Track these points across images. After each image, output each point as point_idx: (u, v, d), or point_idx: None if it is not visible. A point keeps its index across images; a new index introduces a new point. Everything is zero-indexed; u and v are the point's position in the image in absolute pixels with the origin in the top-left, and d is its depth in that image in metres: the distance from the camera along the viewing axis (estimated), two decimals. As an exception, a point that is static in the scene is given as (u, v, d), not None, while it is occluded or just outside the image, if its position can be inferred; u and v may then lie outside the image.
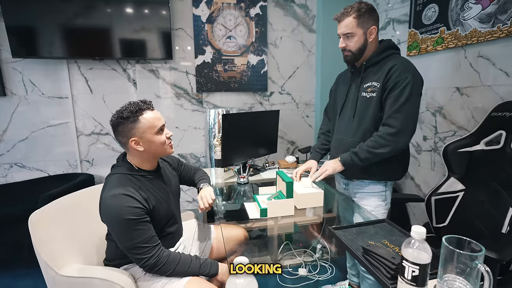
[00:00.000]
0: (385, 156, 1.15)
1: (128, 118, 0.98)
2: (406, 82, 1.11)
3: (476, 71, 1.51)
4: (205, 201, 1.17)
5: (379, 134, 1.15)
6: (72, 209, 1.26)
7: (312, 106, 2.74)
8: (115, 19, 2.10)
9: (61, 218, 1.19)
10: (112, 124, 1.02)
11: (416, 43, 1.85)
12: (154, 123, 1.02)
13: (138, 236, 0.95)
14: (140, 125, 0.99)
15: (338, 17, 1.22)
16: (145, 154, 1.04)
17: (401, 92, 1.11)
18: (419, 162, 1.92)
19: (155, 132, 1.02)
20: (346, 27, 1.19)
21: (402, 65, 1.14)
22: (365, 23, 1.18)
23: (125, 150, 1.06)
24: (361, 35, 1.19)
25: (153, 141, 1.02)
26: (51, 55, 2.04)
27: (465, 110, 1.58)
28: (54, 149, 2.24)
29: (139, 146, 1.01)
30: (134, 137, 1.00)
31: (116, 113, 1.01)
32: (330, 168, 1.24)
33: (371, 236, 0.97)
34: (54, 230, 1.12)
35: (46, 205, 1.21)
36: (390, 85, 1.14)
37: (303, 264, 1.91)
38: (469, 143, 1.45)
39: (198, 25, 2.34)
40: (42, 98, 2.16)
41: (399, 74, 1.12)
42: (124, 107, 1.01)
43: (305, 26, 2.58)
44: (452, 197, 1.46)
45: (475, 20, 1.47)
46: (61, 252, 1.08)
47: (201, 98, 2.48)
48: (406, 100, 1.10)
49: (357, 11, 1.17)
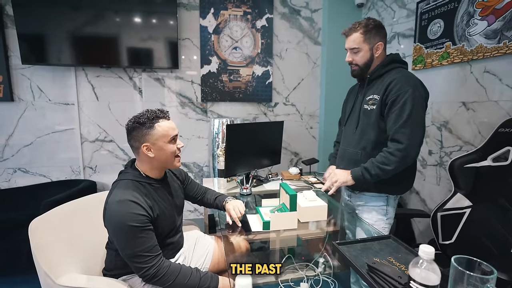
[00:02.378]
0: (394, 172, 1.14)
1: (145, 124, 1.01)
2: (407, 96, 1.11)
3: (482, 86, 1.50)
4: (237, 211, 1.21)
5: (389, 151, 1.14)
6: (74, 216, 1.25)
7: (316, 117, 2.74)
8: (123, 28, 2.14)
9: (62, 226, 1.18)
10: (127, 128, 1.04)
11: (421, 57, 1.85)
12: (168, 132, 1.04)
13: (140, 244, 0.94)
14: (154, 132, 1.02)
15: (346, 32, 1.25)
16: (154, 161, 1.05)
17: (403, 106, 1.11)
18: (424, 177, 1.89)
19: (167, 140, 1.04)
20: (353, 42, 1.22)
21: (403, 78, 1.15)
22: (372, 39, 1.21)
23: (136, 155, 1.07)
24: (367, 51, 1.22)
25: (165, 149, 1.04)
26: (60, 62, 2.08)
27: (471, 125, 1.57)
28: (58, 155, 2.25)
29: (150, 152, 1.02)
30: (147, 143, 1.01)
31: (133, 118, 1.03)
32: (341, 181, 1.23)
33: (376, 252, 0.95)
34: (54, 238, 1.11)
35: (47, 212, 1.20)
36: (391, 99, 1.14)
37: (305, 278, 1.86)
38: (475, 158, 1.43)
39: (204, 36, 2.37)
40: (49, 104, 2.19)
41: (399, 88, 1.13)
42: (141, 113, 1.04)
43: (311, 39, 2.61)
44: (459, 214, 1.43)
45: (481, 36, 1.47)
46: (60, 260, 1.06)
47: (205, 108, 2.49)
48: (409, 114, 1.10)
49: (364, 27, 1.20)
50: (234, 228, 1.34)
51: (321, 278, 1.89)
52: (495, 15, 1.41)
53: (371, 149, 1.23)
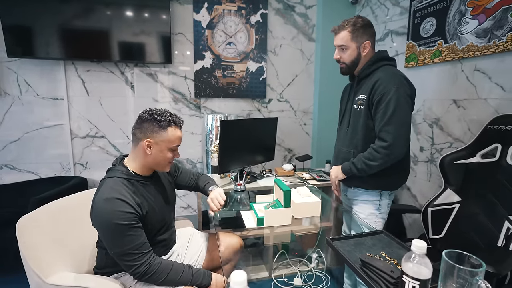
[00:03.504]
0: (379, 168, 1.18)
1: (160, 122, 1.01)
2: (391, 95, 1.13)
3: (472, 84, 1.53)
4: (216, 203, 1.19)
5: (374, 147, 1.18)
6: (63, 214, 1.22)
7: (310, 114, 2.75)
8: (115, 21, 2.09)
9: (51, 224, 1.15)
10: (141, 117, 1.03)
11: (414, 55, 1.87)
12: (175, 141, 1.05)
13: (129, 242, 0.93)
14: (164, 134, 1.02)
15: (335, 30, 1.27)
16: (148, 160, 1.04)
17: (387, 105, 1.14)
18: (415, 173, 1.92)
19: (170, 147, 1.04)
20: (341, 39, 1.24)
21: (387, 77, 1.17)
22: (359, 38, 1.23)
23: (133, 146, 1.05)
24: (355, 49, 1.24)
25: (163, 153, 1.04)
26: (48, 55, 2.02)
27: (461, 122, 1.60)
28: (47, 151, 2.20)
29: (149, 149, 1.02)
30: (151, 140, 1.01)
31: (151, 111, 1.03)
32: (333, 175, 1.32)
33: (369, 247, 0.96)
34: (43, 236, 1.09)
35: (36, 210, 1.17)
36: (376, 98, 1.17)
37: (298, 274, 1.88)
38: (465, 155, 1.46)
39: (198, 31, 2.34)
40: (37, 99, 2.13)
41: (383, 87, 1.15)
42: (160, 111, 1.04)
43: (305, 35, 2.61)
44: (448, 209, 1.46)
45: (472, 34, 1.49)
46: (49, 259, 1.05)
47: (199, 104, 2.47)
48: (393, 113, 1.13)
49: (352, 26, 1.22)
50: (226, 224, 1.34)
51: (314, 273, 1.92)
52: (486, 14, 1.43)
53: (362, 148, 1.25)
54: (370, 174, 1.21)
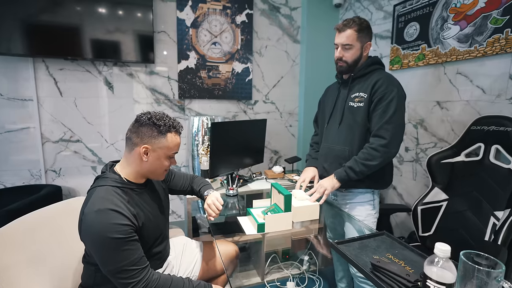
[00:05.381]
0: (377, 167, 1.20)
1: (159, 127, 0.92)
2: (393, 95, 1.17)
3: (455, 86, 1.60)
4: (214, 208, 1.11)
5: (372, 146, 1.18)
6: (40, 228, 1.09)
7: (295, 115, 2.75)
8: (87, 17, 1.94)
9: (26, 240, 1.02)
10: (138, 120, 0.94)
11: (398, 58, 1.93)
12: (174, 148, 0.97)
13: (125, 258, 0.84)
14: (162, 140, 0.94)
15: (339, 27, 1.26)
16: (143, 167, 0.95)
17: (389, 104, 1.17)
18: (401, 172, 1.98)
19: (168, 155, 0.97)
20: (347, 38, 1.23)
21: (388, 79, 1.22)
22: (364, 38, 1.25)
23: (127, 151, 0.96)
24: (358, 49, 1.25)
25: (161, 161, 0.96)
26: (10, 51, 1.82)
27: (445, 123, 1.67)
28: (12, 157, 1.98)
29: (146, 156, 0.93)
30: (149, 146, 0.92)
31: (150, 115, 0.94)
32: (329, 187, 1.24)
33: (374, 250, 0.95)
34: (16, 255, 0.96)
35: (7, 225, 1.04)
36: (378, 97, 1.19)
37: (291, 277, 1.85)
38: (450, 154, 1.52)
39: (182, 29, 2.25)
40: (1, 100, 1.91)
41: (386, 87, 1.18)
42: (160, 115, 0.96)
43: (290, 36, 2.61)
44: (436, 207, 1.52)
45: (454, 39, 1.56)
46: (25, 280, 0.93)
47: (183, 105, 2.37)
48: (394, 112, 1.16)
49: (358, 25, 1.23)
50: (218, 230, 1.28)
51: (306, 276, 1.90)
52: (467, 21, 1.50)
53: (358, 146, 1.26)
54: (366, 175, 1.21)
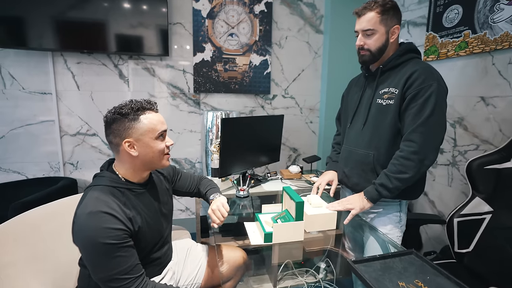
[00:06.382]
0: (415, 179, 1.01)
1: (128, 115, 0.83)
2: (431, 90, 0.97)
3: (506, 79, 1.36)
4: (219, 215, 1.01)
5: (402, 155, 1.01)
6: (46, 223, 1.07)
7: (316, 111, 2.58)
8: (102, 10, 1.91)
9: (28, 236, 1.01)
10: (106, 120, 0.85)
11: (434, 47, 1.70)
12: (156, 126, 0.87)
13: (117, 265, 0.77)
14: (139, 125, 0.84)
15: (359, 11, 1.08)
16: (138, 162, 0.87)
17: (425, 102, 0.97)
18: (433, 177, 1.76)
19: (155, 136, 0.87)
20: (368, 22, 1.05)
21: (425, 70, 1.00)
22: (389, 21, 1.05)
23: (115, 155, 0.89)
24: (383, 34, 1.06)
25: (151, 146, 0.87)
26: (34, 46, 1.84)
27: (491, 122, 1.43)
28: (34, 150, 2.03)
29: (133, 150, 0.85)
30: (130, 138, 0.83)
31: (114, 109, 0.85)
32: (358, 207, 1.08)
33: (400, 273, 0.80)
34: (18, 252, 0.94)
35: (11, 220, 1.03)
36: (412, 93, 1.00)
37: (305, 285, 1.73)
38: (497, 159, 1.29)
39: (197, 20, 2.16)
40: (23, 93, 1.96)
41: (422, 81, 0.98)
42: (123, 104, 0.86)
43: (312, 26, 2.43)
44: (477, 220, 1.30)
45: (508, 23, 1.32)
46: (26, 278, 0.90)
47: (198, 99, 2.30)
48: (431, 112, 0.96)
49: (381, 6, 1.04)
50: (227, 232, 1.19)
51: (322, 285, 1.77)
52: (525, 0, 1.26)
53: (386, 151, 1.08)
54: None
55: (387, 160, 1.06)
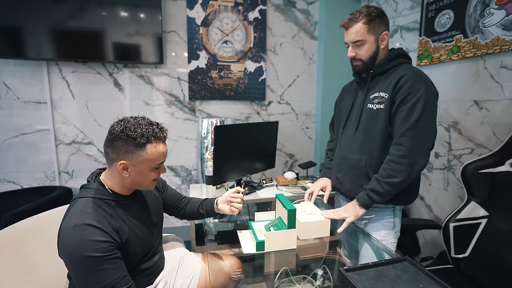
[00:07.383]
0: (406, 183, 1.00)
1: (135, 139, 0.81)
2: (419, 94, 0.97)
3: (498, 83, 1.36)
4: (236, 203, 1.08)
5: (392, 159, 1.00)
6: (35, 234, 1.05)
7: (312, 117, 2.58)
8: (95, 19, 1.93)
9: (15, 249, 0.98)
10: (111, 133, 0.83)
11: (427, 52, 1.71)
12: (157, 159, 0.86)
13: (103, 278, 0.76)
14: (141, 153, 0.83)
15: (346, 24, 1.08)
16: (126, 181, 0.87)
17: (414, 106, 0.97)
18: (430, 181, 1.75)
19: (152, 167, 0.86)
20: (356, 34, 1.05)
21: (414, 75, 1.01)
22: (377, 29, 1.06)
23: (107, 165, 0.88)
24: (373, 42, 1.07)
25: (145, 174, 0.86)
26: (32, 56, 1.85)
27: (484, 126, 1.43)
28: (29, 159, 2.03)
29: (125, 172, 0.84)
30: (127, 161, 0.82)
31: (123, 125, 0.82)
32: (352, 216, 1.07)
33: (393, 281, 0.79)
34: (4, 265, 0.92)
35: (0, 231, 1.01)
36: (400, 97, 1.00)
37: (303, 293, 1.70)
38: (491, 163, 1.28)
39: (192, 28, 2.18)
40: (18, 103, 1.96)
41: (411, 85, 0.99)
42: (135, 123, 0.83)
43: (307, 33, 2.45)
44: (473, 224, 1.29)
45: (498, 27, 1.33)
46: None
47: (193, 106, 2.30)
48: (420, 115, 0.96)
49: (366, 16, 1.04)
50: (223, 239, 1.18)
51: (320, 292, 1.74)
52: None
53: (378, 155, 1.07)
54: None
55: (379, 165, 1.06)
